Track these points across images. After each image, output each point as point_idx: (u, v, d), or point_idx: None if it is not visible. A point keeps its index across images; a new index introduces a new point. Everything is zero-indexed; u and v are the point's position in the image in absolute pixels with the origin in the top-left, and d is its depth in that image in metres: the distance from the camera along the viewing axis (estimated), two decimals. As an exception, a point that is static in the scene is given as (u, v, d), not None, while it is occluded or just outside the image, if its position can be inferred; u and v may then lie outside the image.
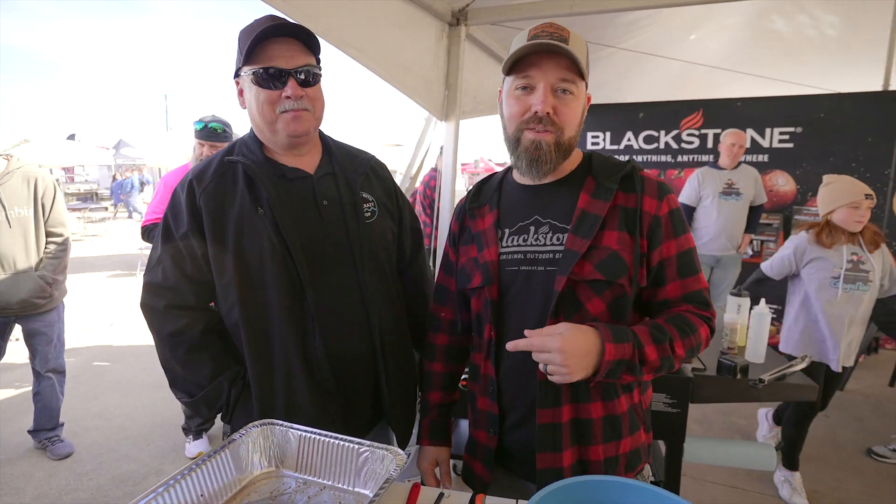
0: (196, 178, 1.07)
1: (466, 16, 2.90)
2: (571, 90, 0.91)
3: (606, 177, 0.95)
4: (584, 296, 0.91)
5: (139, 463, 2.62)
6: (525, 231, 0.98)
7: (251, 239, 1.03)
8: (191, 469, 0.81)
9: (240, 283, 1.05)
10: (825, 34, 4.60)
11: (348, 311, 1.10)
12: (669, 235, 0.94)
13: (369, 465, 0.87)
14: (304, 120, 1.05)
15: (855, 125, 4.13)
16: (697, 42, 4.73)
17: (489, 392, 1.01)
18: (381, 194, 1.20)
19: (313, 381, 1.07)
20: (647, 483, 0.71)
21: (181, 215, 1.06)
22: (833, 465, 2.61)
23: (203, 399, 1.10)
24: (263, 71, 1.01)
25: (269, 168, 1.08)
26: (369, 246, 1.12)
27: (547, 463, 0.92)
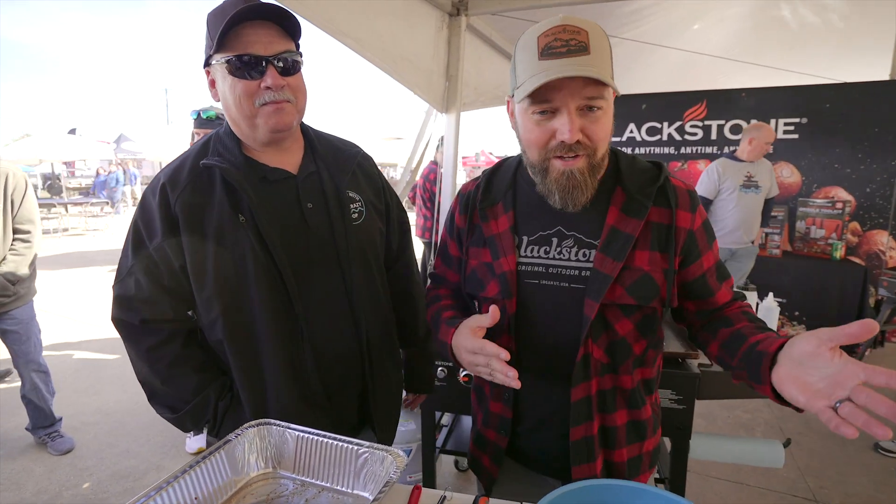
0: (169, 182, 0.96)
1: (467, 6, 2.85)
2: (601, 105, 0.79)
3: (638, 189, 0.87)
4: (613, 317, 0.88)
5: (139, 458, 2.61)
6: (547, 242, 0.91)
7: (233, 249, 0.95)
8: (185, 471, 0.79)
9: (222, 295, 0.97)
10: (830, 23, 4.53)
11: (337, 316, 1.04)
12: (706, 248, 0.91)
13: (369, 466, 0.85)
14: (287, 112, 0.96)
15: (861, 115, 4.08)
16: (700, 32, 4.66)
17: (504, 398, 0.98)
18: (369, 192, 1.12)
19: (302, 391, 1.02)
20: (656, 487, 0.69)
21: (154, 223, 0.97)
22: (839, 460, 2.58)
23: (189, 414, 1.02)
24: (238, 59, 0.91)
25: (248, 170, 0.99)
26: (357, 248, 1.05)
27: (583, 474, 0.91)
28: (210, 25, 0.94)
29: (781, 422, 2.98)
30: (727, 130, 4.50)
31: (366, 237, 1.08)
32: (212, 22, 0.94)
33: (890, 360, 3.78)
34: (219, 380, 1.03)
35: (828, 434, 2.84)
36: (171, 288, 0.99)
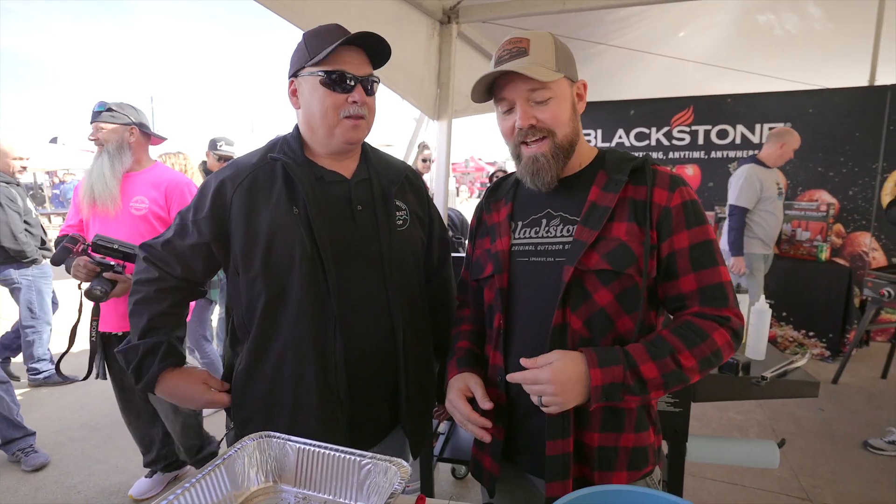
0: (230, 177, 1.09)
1: (458, 13, 2.87)
2: (546, 96, 0.93)
3: (617, 170, 0.96)
4: (592, 286, 0.91)
5: (128, 474, 2.55)
6: (537, 224, 1.00)
7: (284, 237, 1.04)
8: (185, 488, 0.77)
9: (266, 277, 1.05)
10: (812, 30, 4.64)
11: (372, 315, 1.10)
12: (681, 227, 0.91)
13: (372, 477, 0.84)
14: (361, 128, 1.09)
15: (843, 120, 4.17)
16: (686, 39, 4.75)
17: (497, 382, 1.00)
18: (415, 203, 1.21)
19: (325, 383, 1.06)
20: (662, 492, 0.68)
21: (203, 202, 1.09)
22: (829, 458, 2.62)
23: (121, 353, 1.11)
24: (334, 74, 1.03)
25: (308, 169, 1.09)
26: (399, 253, 1.13)
27: (556, 450, 0.92)
28: (308, 42, 1.07)
29: (774, 422, 3.01)
30: (714, 135, 4.58)
31: (408, 244, 1.16)
32: (310, 40, 1.07)
33: (875, 358, 3.85)
34: (158, 337, 1.11)
35: (819, 433, 2.87)
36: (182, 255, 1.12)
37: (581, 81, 0.99)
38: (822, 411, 3.15)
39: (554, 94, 0.93)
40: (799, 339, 4.07)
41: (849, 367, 3.63)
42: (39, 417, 3.16)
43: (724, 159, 4.57)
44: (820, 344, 4.01)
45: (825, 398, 3.32)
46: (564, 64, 0.94)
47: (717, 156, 4.59)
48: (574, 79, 0.97)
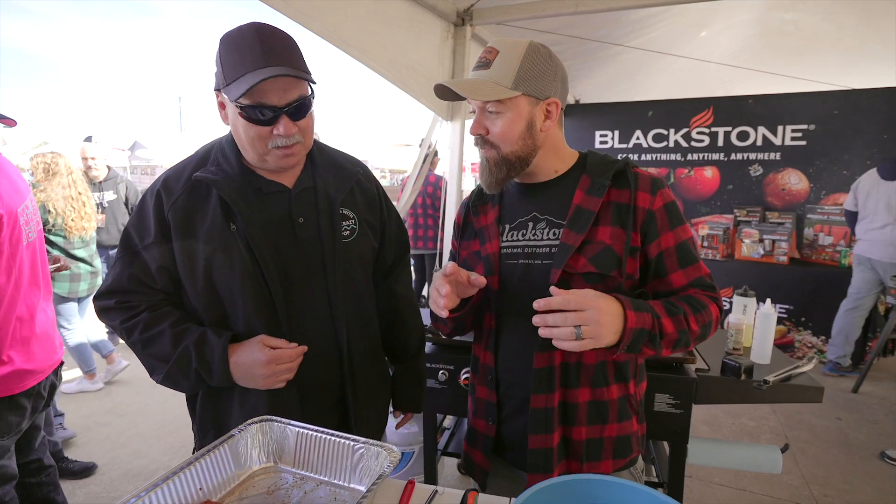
0: (164, 188, 1.01)
1: (472, 16, 2.90)
2: (498, 110, 0.95)
3: (599, 174, 0.99)
4: (578, 287, 0.93)
5: (150, 458, 2.67)
6: (524, 226, 1.03)
7: (223, 255, 0.99)
8: (190, 463, 0.83)
9: (211, 296, 1.01)
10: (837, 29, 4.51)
11: (318, 327, 1.07)
12: (665, 228, 0.97)
13: (364, 461, 0.88)
14: (296, 154, 1.01)
15: (870, 122, 4.06)
16: (708, 40, 4.67)
17: (487, 381, 1.05)
18: (365, 210, 1.14)
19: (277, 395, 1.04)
20: (638, 483, 0.71)
21: (149, 225, 1.01)
22: (844, 468, 2.57)
23: (176, 368, 1.00)
24: (251, 108, 0.92)
25: (243, 181, 1.02)
26: (344, 266, 1.07)
27: (539, 444, 0.97)
28: (224, 59, 0.93)
29: (787, 429, 2.96)
30: (734, 137, 4.50)
31: (355, 255, 1.10)
32: (227, 55, 0.93)
33: (900, 368, 3.74)
34: (195, 331, 1.01)
35: (834, 442, 2.82)
36: (150, 284, 1.03)
37: (552, 100, 0.97)
38: (839, 420, 3.08)
39: (504, 111, 0.95)
40: (818, 346, 3.98)
41: (870, 376, 3.54)
42: (69, 402, 3.31)
43: (745, 161, 4.49)
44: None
45: (844, 407, 3.25)
46: (528, 81, 0.94)
47: (737, 158, 4.52)
48: (540, 97, 0.96)
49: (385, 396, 1.27)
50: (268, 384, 1.00)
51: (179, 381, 1.03)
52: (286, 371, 1.00)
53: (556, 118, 0.99)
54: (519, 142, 0.97)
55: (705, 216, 4.66)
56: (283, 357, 0.99)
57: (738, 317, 1.79)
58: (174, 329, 1.01)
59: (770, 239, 4.16)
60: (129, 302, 1.03)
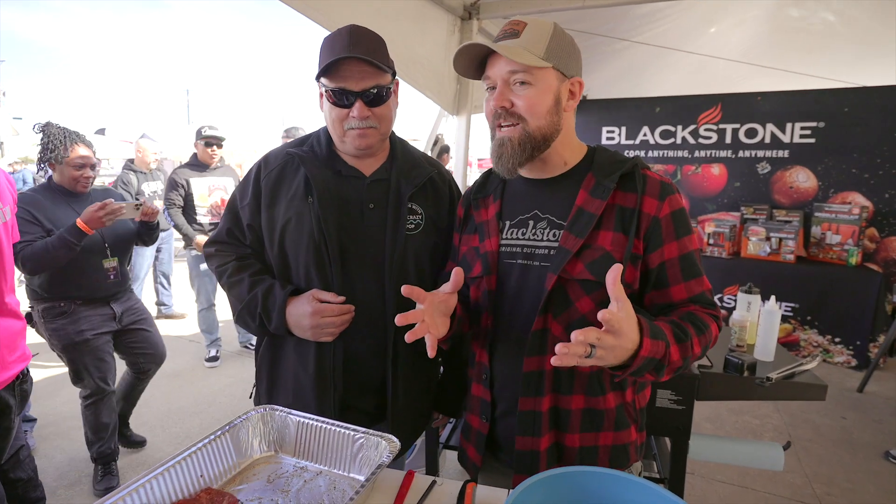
0: (264, 161, 1.19)
1: (479, 9, 2.89)
2: (527, 80, 0.90)
3: (605, 175, 0.94)
4: (574, 294, 0.92)
5: (155, 448, 2.70)
6: (524, 225, 0.99)
7: (297, 222, 1.12)
8: (191, 451, 0.84)
9: (280, 258, 1.15)
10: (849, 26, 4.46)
11: (367, 313, 1.13)
12: (671, 237, 0.92)
13: (364, 451, 0.89)
14: (369, 137, 1.11)
15: (880, 119, 4.01)
16: (717, 35, 4.62)
17: (482, 379, 1.04)
18: (433, 208, 1.20)
19: (322, 366, 1.13)
20: (634, 476, 0.72)
21: (248, 189, 1.18)
22: (849, 467, 2.55)
23: (246, 310, 1.14)
24: (334, 91, 1.07)
25: (327, 163, 1.15)
26: (402, 257, 1.13)
27: (525, 446, 0.96)
28: (322, 51, 1.09)
29: (791, 428, 2.95)
30: (742, 134, 4.46)
31: (416, 249, 1.15)
32: (323, 48, 1.09)
33: (906, 368, 3.71)
34: (267, 282, 1.15)
35: (839, 441, 2.80)
36: (241, 238, 1.21)
37: (576, 79, 0.96)
38: (844, 419, 3.06)
39: (534, 82, 0.91)
40: (824, 345, 3.96)
41: (875, 375, 3.51)
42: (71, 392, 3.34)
43: (752, 159, 4.45)
44: (846, 351, 3.89)
45: (849, 406, 3.23)
46: (557, 55, 0.92)
47: (744, 155, 4.48)
48: (567, 74, 0.94)
49: (428, 395, 1.29)
50: (314, 335, 1.09)
51: (248, 322, 1.16)
52: (330, 325, 1.08)
53: (577, 99, 0.97)
54: (546, 117, 0.92)
55: (712, 213, 4.63)
56: (327, 311, 1.07)
57: (742, 314, 1.78)
58: (252, 278, 1.16)
59: (777, 237, 4.13)
60: (225, 251, 1.22)
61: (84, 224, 1.97)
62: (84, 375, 2.21)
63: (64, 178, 2.12)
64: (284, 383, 1.20)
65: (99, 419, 2.27)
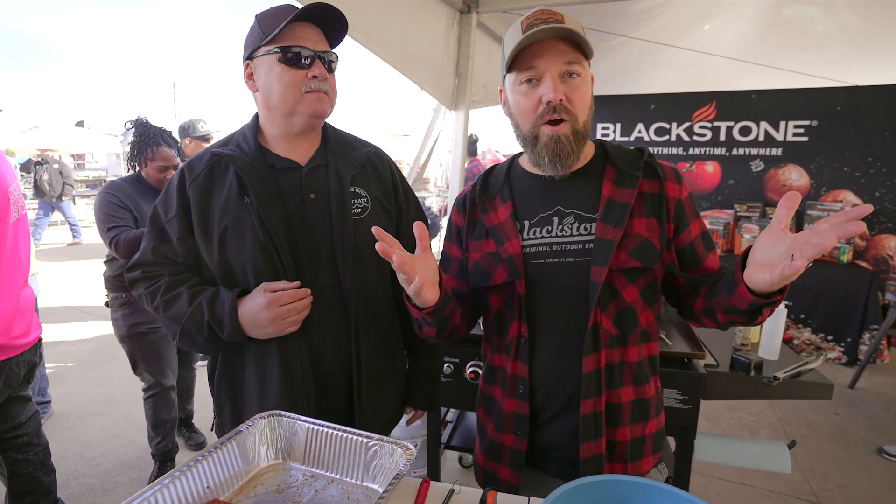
0: (188, 167, 1.09)
1: (478, 3, 2.85)
2: (579, 72, 0.88)
3: (627, 164, 0.95)
4: (620, 284, 0.91)
5: (145, 449, 2.62)
6: (548, 222, 0.95)
7: (236, 226, 1.04)
8: (197, 461, 0.80)
9: (223, 268, 1.06)
10: (843, 26, 4.49)
11: (328, 305, 1.08)
12: (693, 217, 0.96)
13: (378, 459, 0.85)
14: (325, 102, 1.06)
15: (873, 119, 4.05)
16: (712, 32, 4.63)
17: (518, 393, 0.97)
18: (377, 190, 1.15)
19: (289, 374, 1.06)
20: (665, 484, 0.69)
21: (172, 201, 1.08)
22: (842, 463, 2.58)
23: (191, 323, 1.04)
24: (290, 50, 1.00)
25: (258, 157, 1.07)
26: (354, 244, 1.08)
27: (591, 451, 0.92)
28: (261, 22, 1.03)
29: (786, 425, 2.97)
30: (736, 132, 4.48)
31: (367, 233, 1.07)
32: (263, 19, 1.03)
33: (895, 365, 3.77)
34: (209, 290, 1.06)
35: (832, 437, 2.83)
36: (173, 257, 1.10)
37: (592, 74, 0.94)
38: (837, 416, 3.10)
39: (585, 76, 0.90)
40: (816, 343, 4.00)
41: (867, 371, 3.56)
42: (64, 391, 3.27)
43: (746, 157, 4.48)
44: (838, 348, 3.94)
45: (841, 403, 3.27)
46: (589, 49, 0.89)
47: (738, 153, 4.50)
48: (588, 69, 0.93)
49: (396, 389, 1.24)
50: (277, 328, 1.02)
51: (195, 338, 1.06)
52: (291, 313, 1.01)
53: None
54: (588, 112, 0.91)
55: (706, 211, 4.65)
56: (284, 298, 1.00)
57: (747, 312, 1.77)
58: (191, 290, 1.07)
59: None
60: (153, 272, 1.11)
61: None
62: (139, 367, 2.28)
63: (150, 176, 2.19)
64: (250, 404, 1.10)
65: (157, 414, 2.31)
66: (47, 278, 6.37)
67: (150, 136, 2.14)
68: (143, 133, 2.15)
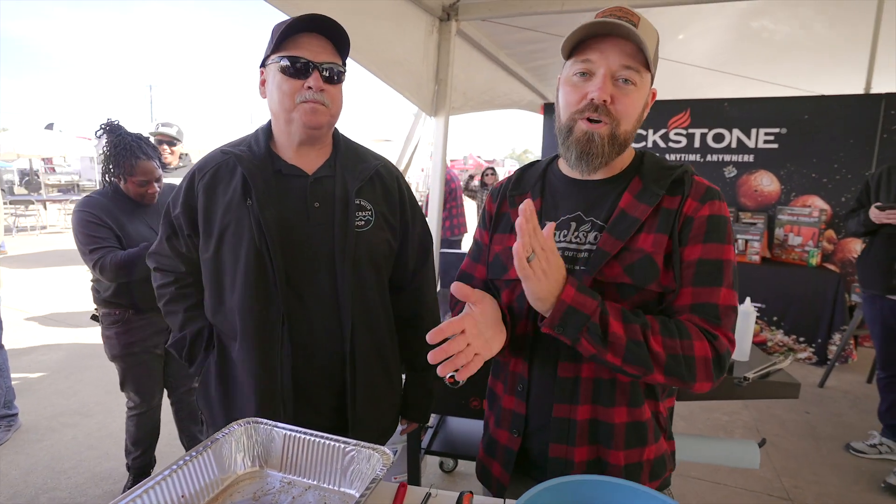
0: (199, 166, 1.13)
1: (457, 11, 2.88)
2: (633, 80, 0.84)
3: (654, 180, 0.89)
4: (610, 298, 0.85)
5: (119, 461, 2.56)
6: (566, 226, 0.93)
7: (236, 227, 1.05)
8: (172, 470, 0.79)
9: (215, 264, 1.09)
10: (810, 38, 4.66)
11: (320, 316, 1.08)
12: (697, 238, 0.85)
13: (355, 464, 0.86)
14: (321, 113, 1.05)
15: (837, 127, 4.21)
16: (685, 42, 4.76)
17: (517, 391, 0.96)
18: (383, 204, 1.15)
19: (269, 381, 1.06)
20: (638, 484, 0.71)
21: (179, 196, 1.13)
22: (812, 460, 2.66)
23: (173, 346, 1.19)
24: (289, 59, 1.02)
25: (266, 162, 1.08)
26: (353, 255, 1.08)
27: (559, 453, 0.90)
28: (273, 32, 1.06)
29: (759, 424, 3.05)
30: (710, 139, 4.61)
31: (367, 246, 1.10)
32: (276, 29, 1.05)
33: (861, 364, 3.90)
34: (198, 325, 1.17)
35: (804, 435, 2.92)
36: (181, 252, 1.17)
37: (654, 89, 0.91)
38: (807, 414, 3.19)
39: (638, 83, 0.85)
40: (788, 345, 4.12)
41: (835, 371, 3.68)
42: (33, 402, 3.17)
43: (720, 163, 4.60)
44: (809, 349, 4.06)
45: (811, 401, 3.37)
46: (655, 63, 0.87)
47: (712, 159, 4.62)
48: (652, 83, 0.89)
49: (391, 401, 1.24)
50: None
51: (177, 354, 1.19)
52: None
53: (648, 109, 0.91)
54: (634, 123, 0.87)
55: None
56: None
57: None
58: (186, 314, 1.18)
59: (743, 238, 4.27)
60: (165, 268, 1.21)
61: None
62: (127, 387, 2.19)
63: (129, 191, 2.02)
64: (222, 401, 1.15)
65: (139, 431, 2.24)
66: (15, 286, 6.18)
67: (126, 147, 1.94)
68: (117, 143, 1.95)
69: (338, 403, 1.12)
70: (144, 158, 1.97)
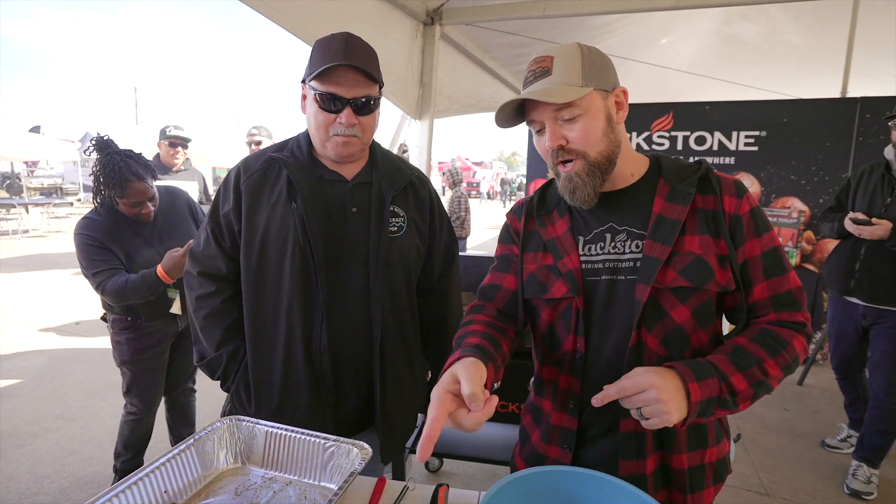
0: (244, 166, 1.18)
1: (441, 15, 2.92)
2: (574, 114, 0.87)
3: (681, 180, 0.91)
4: (668, 304, 0.87)
5: (103, 464, 2.55)
6: (601, 239, 0.94)
7: (280, 228, 1.12)
8: (154, 466, 0.81)
9: (258, 264, 1.14)
10: (788, 43, 4.78)
11: (353, 315, 1.15)
12: (752, 234, 0.89)
13: (335, 459, 0.89)
14: (352, 145, 1.12)
15: (815, 130, 4.31)
16: (668, 47, 4.86)
17: (568, 408, 0.96)
18: (415, 211, 1.23)
19: (313, 372, 1.14)
20: (609, 475, 0.73)
21: (229, 195, 1.17)
22: (790, 456, 2.72)
23: (206, 364, 1.21)
24: (324, 95, 1.07)
25: (309, 167, 1.16)
26: (386, 258, 1.15)
27: (630, 470, 0.90)
28: (313, 54, 1.10)
29: (739, 420, 3.11)
30: (692, 141, 4.69)
31: (399, 251, 1.18)
32: (315, 51, 1.10)
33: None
34: (235, 343, 1.21)
35: (782, 431, 2.98)
36: (228, 250, 1.20)
37: (620, 88, 0.92)
38: (786, 411, 3.26)
39: (583, 111, 0.87)
40: (768, 342, 4.20)
41: (814, 369, 3.77)
42: (15, 407, 3.14)
43: (702, 165, 4.69)
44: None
45: (790, 399, 3.45)
46: (594, 75, 0.88)
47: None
48: (609, 88, 0.90)
49: (416, 399, 1.29)
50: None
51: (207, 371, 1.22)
52: None
53: (626, 108, 0.93)
54: (604, 140, 0.89)
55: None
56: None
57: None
58: (226, 333, 1.20)
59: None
60: (208, 270, 1.20)
61: (165, 274, 1.86)
62: (132, 393, 2.19)
63: (124, 211, 1.95)
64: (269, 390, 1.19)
65: (133, 435, 2.24)
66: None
67: (115, 169, 1.85)
68: (107, 164, 1.86)
69: (365, 397, 1.19)
70: (135, 180, 1.89)
